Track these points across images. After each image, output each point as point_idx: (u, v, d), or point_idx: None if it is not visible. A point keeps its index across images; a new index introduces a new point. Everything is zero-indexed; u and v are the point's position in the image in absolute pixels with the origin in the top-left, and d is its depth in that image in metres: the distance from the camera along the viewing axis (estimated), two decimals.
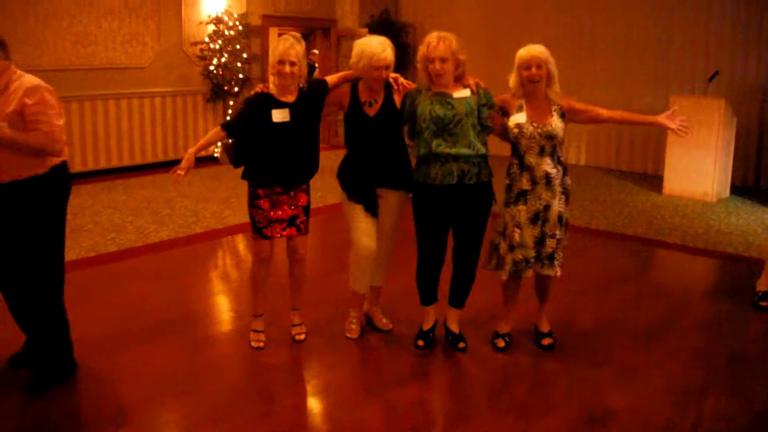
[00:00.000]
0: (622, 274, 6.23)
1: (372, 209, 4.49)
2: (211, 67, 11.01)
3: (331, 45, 13.15)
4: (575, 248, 6.99)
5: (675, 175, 9.41)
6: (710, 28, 10.30)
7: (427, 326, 4.62)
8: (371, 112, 4.41)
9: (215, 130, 4.39)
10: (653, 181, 10.31)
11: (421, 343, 4.58)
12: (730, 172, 9.46)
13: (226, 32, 11.03)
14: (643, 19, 10.88)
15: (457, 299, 4.58)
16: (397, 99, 4.46)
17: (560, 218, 4.35)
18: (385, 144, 4.46)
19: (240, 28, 11.15)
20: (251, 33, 11.53)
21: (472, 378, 4.29)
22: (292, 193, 4.42)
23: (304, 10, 12.76)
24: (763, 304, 5.36)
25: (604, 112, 4.43)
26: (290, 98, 4.33)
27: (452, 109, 4.20)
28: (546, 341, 4.62)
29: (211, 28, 11.02)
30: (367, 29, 12.77)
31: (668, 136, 9.42)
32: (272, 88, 4.34)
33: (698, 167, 9.15)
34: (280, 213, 4.41)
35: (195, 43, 11.04)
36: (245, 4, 11.62)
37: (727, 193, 9.43)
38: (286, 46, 4.23)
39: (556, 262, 4.38)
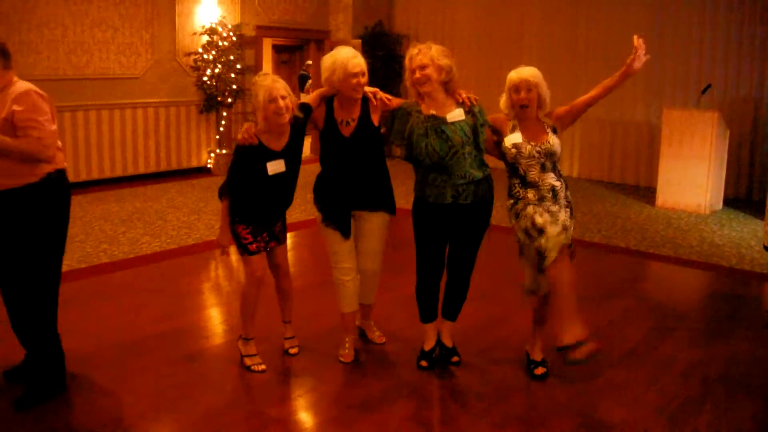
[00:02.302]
0: (616, 287, 6.23)
1: (345, 232, 4.41)
2: (205, 78, 11.02)
3: None
4: None
5: (668, 187, 9.43)
6: (703, 41, 10.36)
7: (428, 346, 4.54)
8: (347, 131, 4.29)
9: (224, 205, 4.23)
10: (646, 193, 10.33)
11: (424, 363, 4.50)
12: (723, 184, 9.48)
13: (220, 43, 11.04)
14: (635, 31, 10.86)
15: (450, 311, 4.54)
16: (375, 115, 4.35)
17: (565, 228, 4.19)
18: (361, 165, 4.34)
19: (234, 38, 11.17)
20: (245, 44, 11.55)
21: (466, 392, 4.26)
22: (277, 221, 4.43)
23: (298, 21, 12.78)
24: None
25: (583, 98, 4.28)
26: (282, 141, 4.18)
27: (447, 140, 4.13)
28: (539, 370, 4.44)
29: (205, 38, 11.03)
30: (360, 40, 12.80)
31: (661, 147, 9.47)
32: (261, 135, 4.16)
33: (691, 179, 9.17)
34: (263, 230, 4.35)
35: (189, 54, 11.04)
36: (239, 15, 11.64)
37: (720, 205, 9.46)
38: (269, 81, 4.09)
39: (564, 251, 4.07)
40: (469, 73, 12.31)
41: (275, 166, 4.15)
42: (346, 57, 4.19)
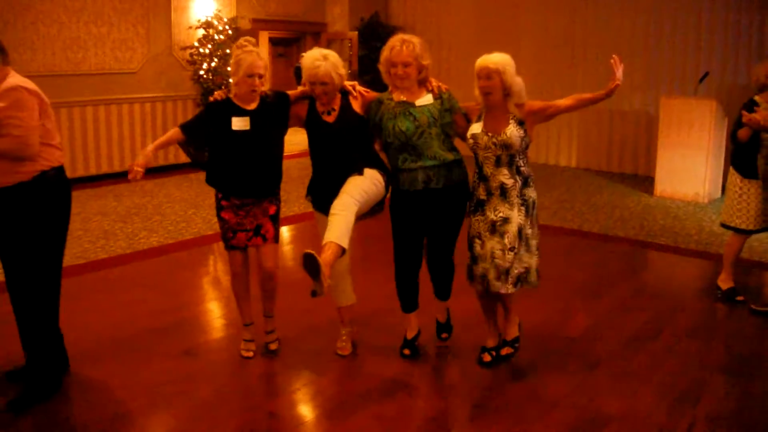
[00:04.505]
0: (615, 277, 6.22)
1: None
2: (201, 72, 10.99)
3: None
4: (567, 251, 7.00)
5: (666, 177, 9.42)
6: (700, 29, 10.32)
7: (411, 334, 4.59)
8: (330, 119, 4.30)
9: (174, 130, 4.27)
10: (645, 182, 10.32)
11: (407, 352, 4.55)
12: (721, 173, 9.44)
13: (216, 36, 11.01)
14: (633, 20, 10.89)
15: (440, 292, 4.55)
16: (356, 105, 4.36)
17: (520, 231, 4.14)
18: (347, 150, 4.28)
19: (230, 32, 11.14)
20: (241, 37, 11.48)
21: (464, 384, 4.26)
22: (256, 203, 4.33)
23: (294, 13, 12.74)
24: (740, 299, 5.56)
25: (561, 103, 4.21)
26: (251, 106, 4.25)
27: (414, 121, 4.16)
28: (504, 351, 4.46)
29: (201, 32, 11.00)
30: (356, 32, 12.77)
31: (659, 137, 9.46)
32: (233, 96, 4.27)
33: (689, 168, 9.15)
34: (244, 222, 4.33)
35: (185, 48, 11.01)
36: (235, 8, 11.61)
37: (719, 193, 9.43)
38: (253, 58, 4.15)
39: (509, 279, 4.14)
40: (467, 65, 12.28)
41: (240, 123, 4.20)
42: (309, 65, 4.20)
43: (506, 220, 4.13)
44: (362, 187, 4.14)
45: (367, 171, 4.21)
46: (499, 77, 4.08)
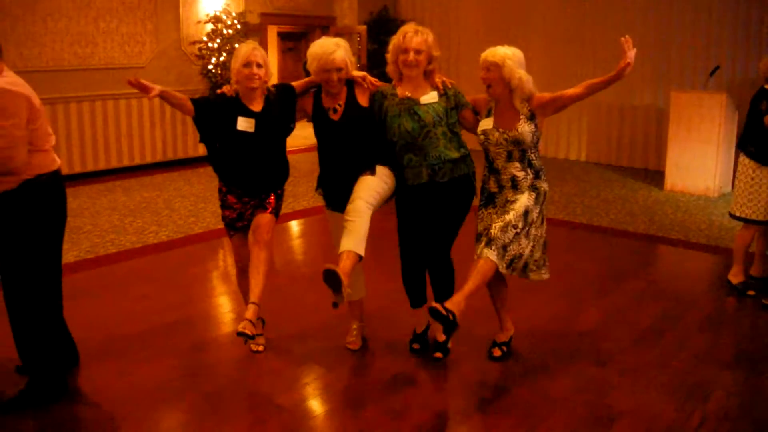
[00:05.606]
0: (625, 272, 6.20)
1: None
2: (210, 66, 10.99)
3: None
4: (576, 246, 6.98)
5: (676, 171, 9.38)
6: (711, 22, 10.25)
7: (420, 329, 4.61)
8: (336, 116, 4.26)
9: (186, 97, 4.24)
10: (654, 176, 10.27)
11: (416, 346, 4.55)
12: (731, 167, 9.37)
13: (225, 31, 11.00)
14: (643, 14, 10.83)
15: (440, 293, 4.39)
16: (363, 98, 4.30)
17: (526, 214, 4.08)
18: (355, 146, 4.24)
19: (238, 26, 11.13)
20: (250, 31, 11.51)
21: (474, 379, 4.24)
22: (255, 200, 4.35)
23: (303, 7, 12.73)
24: (751, 293, 5.55)
25: (571, 92, 4.10)
26: (257, 106, 4.23)
27: (419, 120, 4.13)
28: (495, 351, 4.46)
29: (210, 26, 11.00)
30: (365, 27, 12.75)
31: (669, 131, 9.41)
32: (240, 95, 4.25)
33: (700, 162, 9.11)
34: (244, 213, 4.36)
35: (193, 42, 11.01)
36: (243, 3, 11.60)
37: (729, 187, 9.35)
38: (249, 48, 4.17)
39: (506, 256, 3.97)
40: (477, 60, 12.23)
41: (245, 124, 4.19)
42: (323, 53, 4.13)
43: (513, 201, 4.10)
44: (375, 188, 4.14)
45: (379, 169, 4.20)
46: (497, 70, 4.05)
